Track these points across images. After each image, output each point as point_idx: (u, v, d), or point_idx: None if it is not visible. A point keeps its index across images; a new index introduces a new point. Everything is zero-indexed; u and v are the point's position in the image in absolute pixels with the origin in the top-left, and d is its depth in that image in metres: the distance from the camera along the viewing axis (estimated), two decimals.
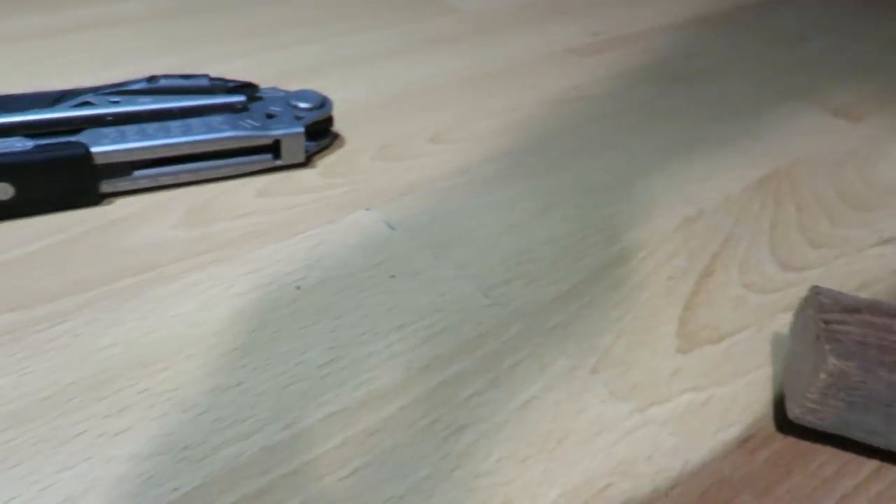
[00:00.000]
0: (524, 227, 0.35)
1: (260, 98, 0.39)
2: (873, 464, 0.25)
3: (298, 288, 0.30)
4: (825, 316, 0.25)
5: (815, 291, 0.26)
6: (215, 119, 0.36)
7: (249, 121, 0.36)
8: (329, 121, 0.40)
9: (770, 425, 0.26)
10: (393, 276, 0.31)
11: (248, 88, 0.38)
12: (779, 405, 0.27)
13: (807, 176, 0.42)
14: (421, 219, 0.35)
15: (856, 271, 0.35)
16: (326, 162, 0.39)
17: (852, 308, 0.26)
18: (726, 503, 0.23)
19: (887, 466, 0.25)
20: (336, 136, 0.41)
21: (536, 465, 0.24)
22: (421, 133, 0.43)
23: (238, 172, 0.36)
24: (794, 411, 0.25)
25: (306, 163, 0.38)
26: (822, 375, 0.24)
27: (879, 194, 0.41)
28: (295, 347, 0.28)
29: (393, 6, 0.62)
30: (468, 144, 0.42)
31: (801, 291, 0.33)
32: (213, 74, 0.40)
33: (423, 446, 0.24)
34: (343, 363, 0.27)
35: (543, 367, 0.28)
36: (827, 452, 0.25)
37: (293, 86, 0.44)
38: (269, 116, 0.37)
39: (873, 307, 0.26)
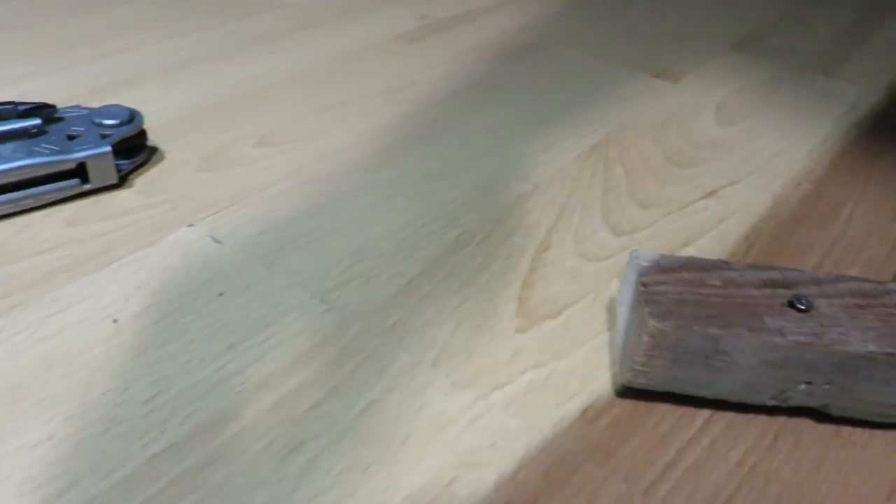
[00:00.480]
0: (360, 224, 0.34)
1: (60, 119, 0.36)
2: (705, 413, 0.26)
3: (116, 321, 0.28)
4: (644, 279, 0.26)
5: (635, 255, 0.27)
6: (6, 148, 0.33)
7: (47, 145, 0.33)
8: (142, 135, 0.37)
9: (609, 391, 0.27)
10: (221, 294, 0.30)
11: (43, 110, 0.35)
12: (616, 370, 0.28)
13: (634, 139, 0.43)
14: (250, 229, 0.34)
15: (682, 227, 0.36)
16: (144, 179, 0.37)
17: (669, 268, 0.26)
18: (569, 476, 0.24)
19: (718, 413, 0.26)
20: (154, 151, 0.39)
21: (380, 471, 0.23)
22: (248, 138, 0.41)
23: (42, 202, 0.33)
24: (625, 375, 0.25)
25: (121, 183, 0.36)
26: (645, 338, 0.24)
27: (700, 149, 0.43)
28: (114, 387, 0.25)
29: (214, 6, 0.59)
30: (299, 145, 0.41)
31: None
32: (12, 97, 0.36)
33: (260, 472, 0.23)
34: (168, 396, 0.25)
35: (383, 368, 0.27)
36: (662, 410, 0.26)
37: (108, 101, 0.41)
38: (71, 138, 0.34)
39: (689, 264, 0.27)
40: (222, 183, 0.37)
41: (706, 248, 0.35)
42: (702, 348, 0.24)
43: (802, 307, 0.25)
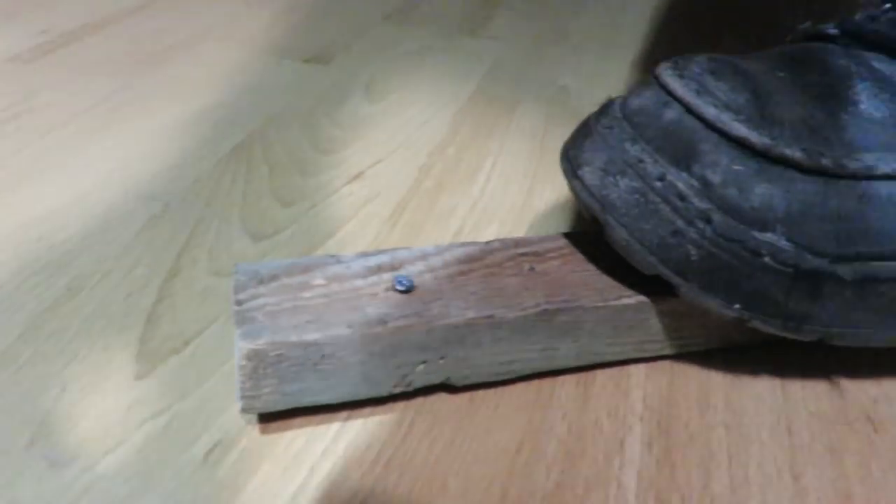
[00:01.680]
0: None
1: None
2: (342, 417, 0.25)
3: None
4: (240, 296, 0.24)
5: (234, 271, 0.25)
6: None
7: None
8: None
9: (239, 422, 0.25)
10: None
11: None
12: None
13: (281, 132, 0.41)
14: None
15: (328, 217, 0.35)
16: None
17: (270, 276, 0.25)
18: None
19: (355, 413, 0.25)
20: None
21: None
22: None
23: None
24: (240, 404, 0.23)
25: None
26: (243, 362, 0.22)
27: (348, 131, 0.42)
28: None
29: None
30: None
31: (274, 258, 0.32)
32: None
33: None
34: None
35: None
36: (296, 426, 0.24)
37: None
38: None
39: (291, 269, 0.25)
40: None
41: (351, 234, 0.34)
42: (306, 357, 0.22)
43: (402, 288, 0.24)
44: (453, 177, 0.38)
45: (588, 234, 0.28)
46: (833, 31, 0.29)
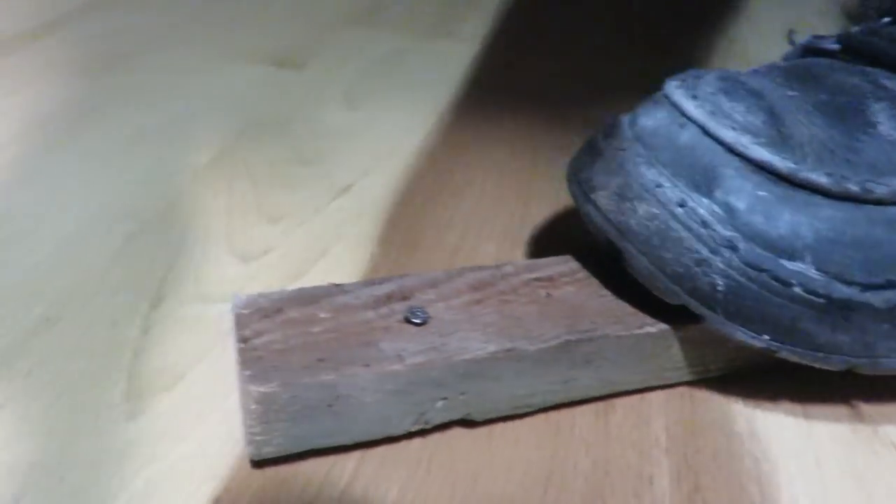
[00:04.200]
0: None
1: None
2: (356, 457, 0.23)
3: None
4: (244, 332, 0.22)
5: (234, 304, 0.23)
6: None
7: None
8: None
9: (246, 465, 0.23)
10: None
11: None
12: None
13: (259, 142, 0.39)
14: None
15: (318, 235, 0.33)
16: None
17: (273, 309, 0.23)
18: None
19: (370, 453, 0.23)
20: None
21: None
22: None
23: None
24: (249, 449, 0.22)
25: None
26: (253, 406, 0.20)
27: (329, 140, 0.40)
28: None
29: None
30: None
31: (264, 282, 0.30)
32: None
33: None
34: None
35: None
36: (310, 468, 0.23)
37: None
38: None
39: (295, 299, 0.23)
40: None
41: (344, 253, 0.32)
42: (320, 399, 0.21)
43: (418, 321, 0.23)
44: (446, 187, 0.37)
45: (596, 257, 0.27)
46: (833, 45, 0.29)
